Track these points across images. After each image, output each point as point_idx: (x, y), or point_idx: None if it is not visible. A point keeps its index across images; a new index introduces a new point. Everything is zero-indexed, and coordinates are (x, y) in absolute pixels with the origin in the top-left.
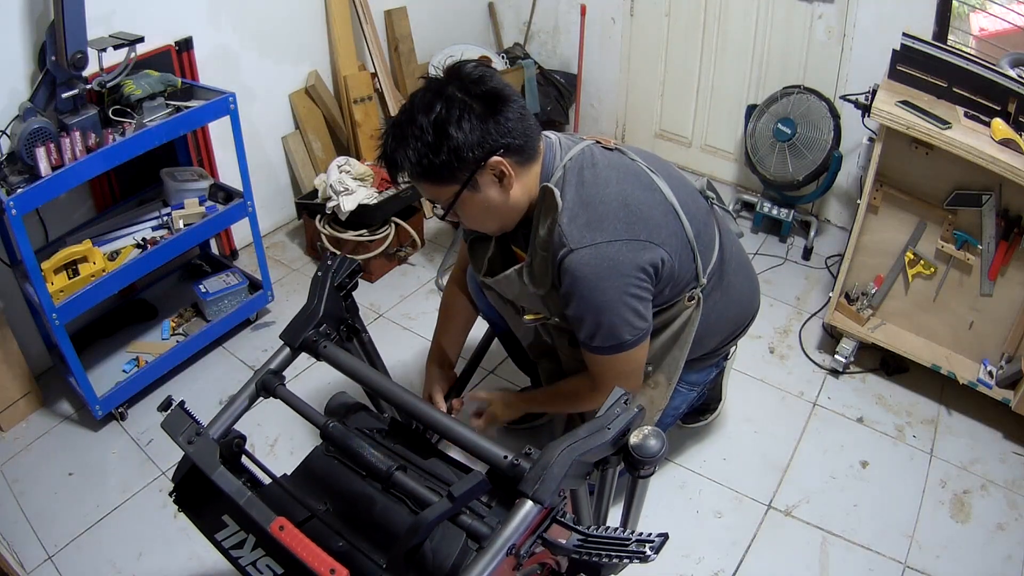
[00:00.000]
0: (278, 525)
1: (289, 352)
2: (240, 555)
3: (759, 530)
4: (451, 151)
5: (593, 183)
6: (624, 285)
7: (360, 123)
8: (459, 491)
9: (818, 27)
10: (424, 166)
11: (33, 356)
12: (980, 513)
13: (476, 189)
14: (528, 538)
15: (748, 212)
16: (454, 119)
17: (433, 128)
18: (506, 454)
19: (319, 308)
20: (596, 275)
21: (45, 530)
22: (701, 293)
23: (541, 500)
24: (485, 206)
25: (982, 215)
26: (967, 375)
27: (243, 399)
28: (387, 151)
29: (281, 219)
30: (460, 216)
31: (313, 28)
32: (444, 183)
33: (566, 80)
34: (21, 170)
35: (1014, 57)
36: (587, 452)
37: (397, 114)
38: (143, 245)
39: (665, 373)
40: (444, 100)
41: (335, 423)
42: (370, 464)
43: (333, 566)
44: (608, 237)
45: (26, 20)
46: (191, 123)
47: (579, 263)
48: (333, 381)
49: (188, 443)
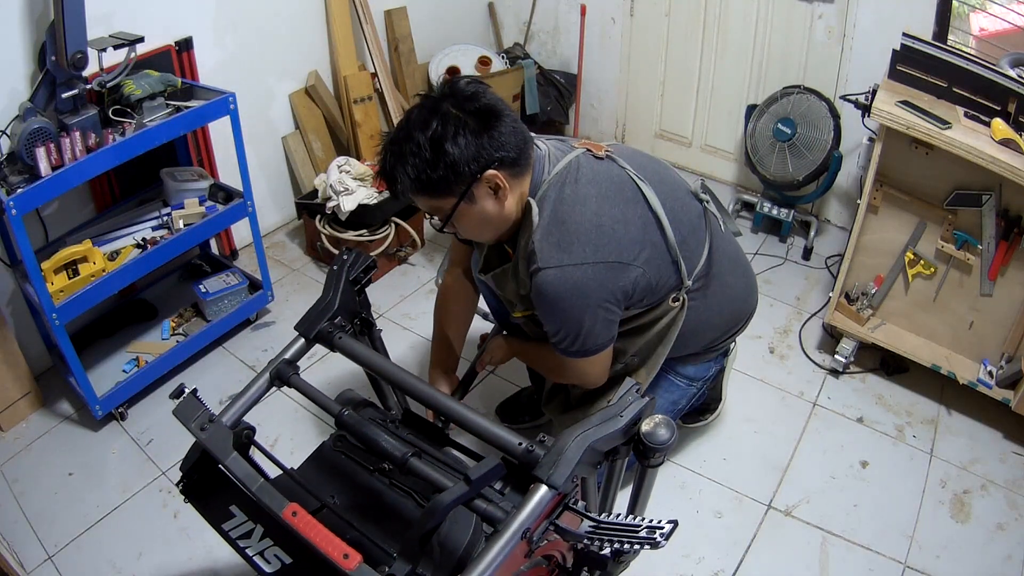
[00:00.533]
0: (291, 511)
1: (304, 343)
2: (247, 545)
3: (759, 530)
4: (448, 166)
5: (572, 200)
6: (586, 306)
7: (360, 123)
8: (476, 474)
9: (818, 27)
10: (422, 181)
11: (33, 356)
12: (980, 513)
13: (472, 202)
14: (542, 523)
15: (748, 212)
16: (450, 135)
17: (430, 144)
18: (520, 441)
19: (334, 300)
20: (559, 295)
21: (45, 530)
22: (686, 295)
23: (556, 485)
24: (481, 218)
25: (982, 215)
26: (967, 375)
27: (257, 388)
28: (386, 168)
29: (281, 219)
30: (457, 227)
31: (313, 28)
32: (441, 196)
33: (566, 80)
34: (21, 170)
35: (1014, 57)
36: (600, 439)
37: (394, 131)
38: (143, 245)
39: (647, 368)
40: (440, 117)
41: (349, 411)
42: (385, 450)
43: (346, 551)
44: (576, 260)
45: (26, 20)
46: (191, 123)
47: (545, 282)
48: (334, 380)
49: (200, 430)
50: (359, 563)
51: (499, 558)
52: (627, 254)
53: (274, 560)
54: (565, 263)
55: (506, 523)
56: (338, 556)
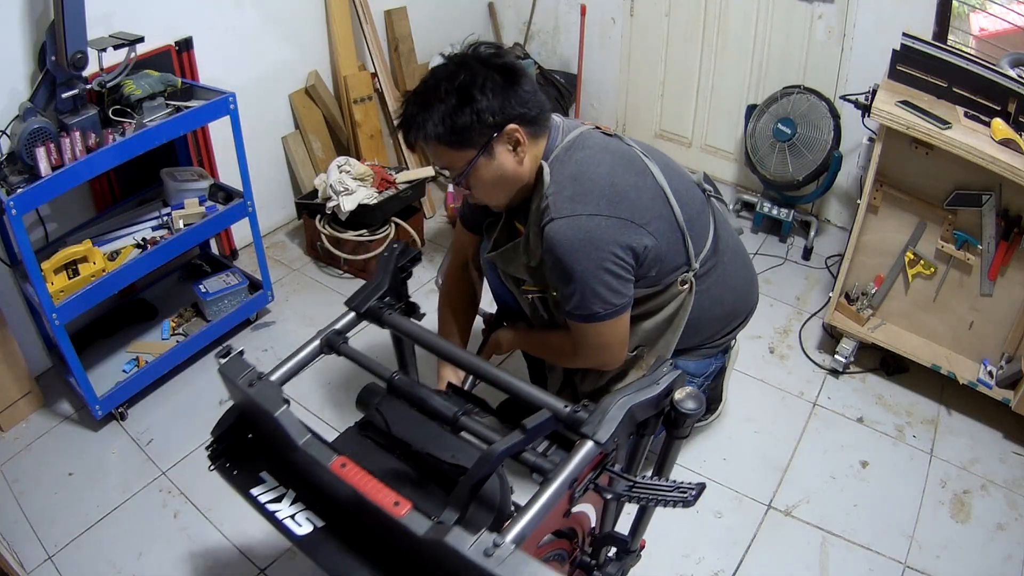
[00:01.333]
0: (339, 463)
1: (354, 316)
2: (277, 509)
3: (759, 530)
4: (474, 113)
5: (585, 162)
6: (599, 259)
7: (360, 123)
8: (531, 424)
9: (818, 27)
10: (447, 127)
11: (33, 356)
12: (980, 513)
13: (491, 156)
14: (587, 476)
15: (748, 212)
16: (477, 85)
17: (457, 92)
18: (566, 404)
19: (384, 281)
20: (571, 244)
21: (45, 530)
22: (694, 278)
23: (601, 441)
24: (498, 174)
25: (982, 215)
26: (967, 375)
27: (307, 353)
28: (408, 115)
29: (281, 219)
30: (472, 185)
31: (313, 28)
32: (462, 147)
33: (566, 80)
34: (21, 170)
35: (1014, 57)
36: (639, 404)
37: (418, 85)
38: (143, 245)
39: (656, 356)
40: (466, 69)
41: (401, 375)
42: (436, 409)
43: (397, 499)
44: (589, 211)
45: (26, 20)
46: (191, 123)
47: (557, 231)
48: (337, 380)
49: (249, 385)
50: (409, 509)
51: (550, 504)
52: (639, 217)
53: (306, 523)
54: (579, 212)
55: (555, 472)
56: (388, 504)
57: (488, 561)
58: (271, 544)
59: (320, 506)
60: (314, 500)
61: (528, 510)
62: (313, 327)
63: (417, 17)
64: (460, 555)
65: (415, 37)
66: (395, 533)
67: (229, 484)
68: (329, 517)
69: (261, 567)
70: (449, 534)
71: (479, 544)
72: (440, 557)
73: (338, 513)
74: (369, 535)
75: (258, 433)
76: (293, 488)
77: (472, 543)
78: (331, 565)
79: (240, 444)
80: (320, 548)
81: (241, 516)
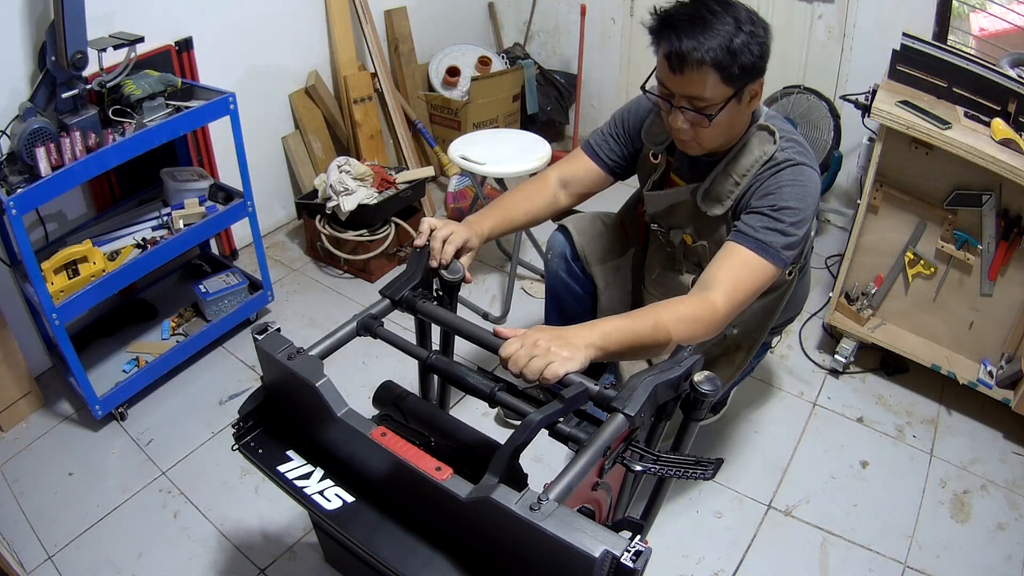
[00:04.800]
0: (380, 432)
1: (388, 303)
2: (306, 485)
3: (759, 530)
4: (762, 47)
5: (791, 132)
6: (810, 206)
7: (360, 123)
8: (569, 394)
9: (818, 27)
10: (735, 50)
11: (33, 356)
12: (980, 513)
13: (739, 100)
14: (618, 446)
15: None
16: (759, 30)
17: (745, 30)
18: (596, 382)
19: (417, 273)
20: (806, 190)
21: (45, 530)
22: (799, 271)
23: (630, 414)
24: (731, 120)
25: (982, 215)
26: (967, 375)
27: (343, 334)
28: (682, 25)
29: (281, 219)
30: (709, 124)
31: (313, 28)
32: (730, 83)
33: (566, 80)
34: (21, 170)
35: (1014, 57)
36: (663, 383)
37: (688, 4)
38: (143, 245)
39: (748, 340)
40: (736, 11)
41: (438, 354)
42: (473, 385)
43: (438, 464)
44: (817, 171)
45: (26, 20)
46: (191, 123)
47: (801, 172)
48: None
49: (288, 358)
50: (451, 475)
51: (585, 468)
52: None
53: (335, 499)
54: (815, 167)
55: (590, 441)
56: (431, 469)
57: (535, 515)
58: (271, 544)
59: (350, 482)
60: (344, 476)
61: (568, 472)
62: (313, 327)
63: (417, 17)
64: (508, 510)
65: (415, 37)
66: (435, 499)
67: (254, 463)
68: (360, 492)
69: (261, 567)
70: (495, 491)
71: (525, 500)
72: (483, 519)
73: (369, 488)
74: (400, 509)
75: (290, 410)
76: (321, 466)
77: (518, 499)
78: (362, 537)
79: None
80: (351, 522)
81: (241, 516)
